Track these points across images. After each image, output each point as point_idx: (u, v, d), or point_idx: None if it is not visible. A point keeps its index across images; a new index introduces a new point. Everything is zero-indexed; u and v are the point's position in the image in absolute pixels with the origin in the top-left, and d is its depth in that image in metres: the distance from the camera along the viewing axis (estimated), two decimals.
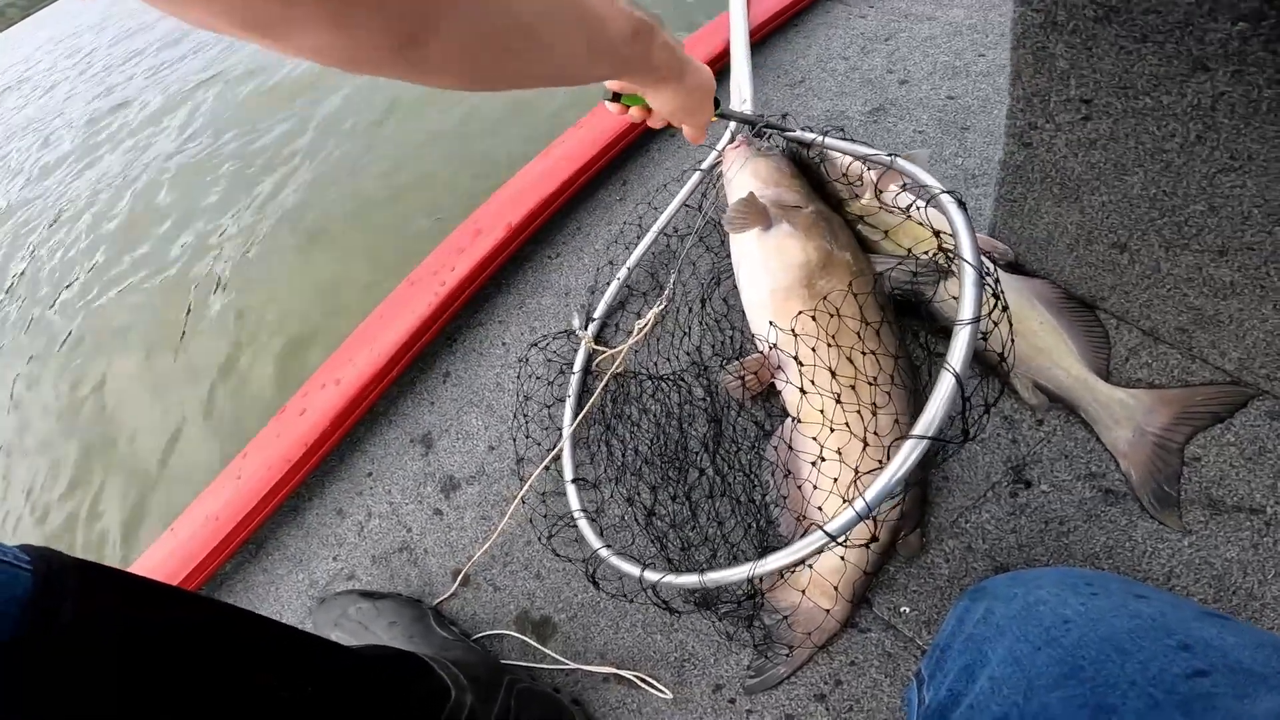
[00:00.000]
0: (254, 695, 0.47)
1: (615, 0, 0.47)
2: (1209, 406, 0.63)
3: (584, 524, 0.75)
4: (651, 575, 0.63)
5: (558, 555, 0.77)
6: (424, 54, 0.35)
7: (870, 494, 0.47)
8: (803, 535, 0.51)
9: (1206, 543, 0.59)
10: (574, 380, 0.87)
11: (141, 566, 0.90)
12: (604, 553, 0.70)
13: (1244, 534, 0.59)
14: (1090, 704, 0.32)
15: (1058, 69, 0.43)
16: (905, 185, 0.74)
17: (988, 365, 0.71)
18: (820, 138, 0.71)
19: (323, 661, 0.55)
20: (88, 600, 0.40)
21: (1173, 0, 0.36)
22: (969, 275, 0.47)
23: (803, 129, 0.75)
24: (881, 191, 0.74)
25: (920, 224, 0.70)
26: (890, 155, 0.61)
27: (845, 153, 0.69)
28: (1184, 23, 0.36)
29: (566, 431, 0.83)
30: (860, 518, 0.47)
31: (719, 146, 0.91)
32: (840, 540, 0.49)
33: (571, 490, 0.79)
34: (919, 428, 0.46)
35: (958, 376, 0.45)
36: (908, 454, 0.46)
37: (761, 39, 1.18)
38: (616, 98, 0.65)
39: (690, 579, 0.59)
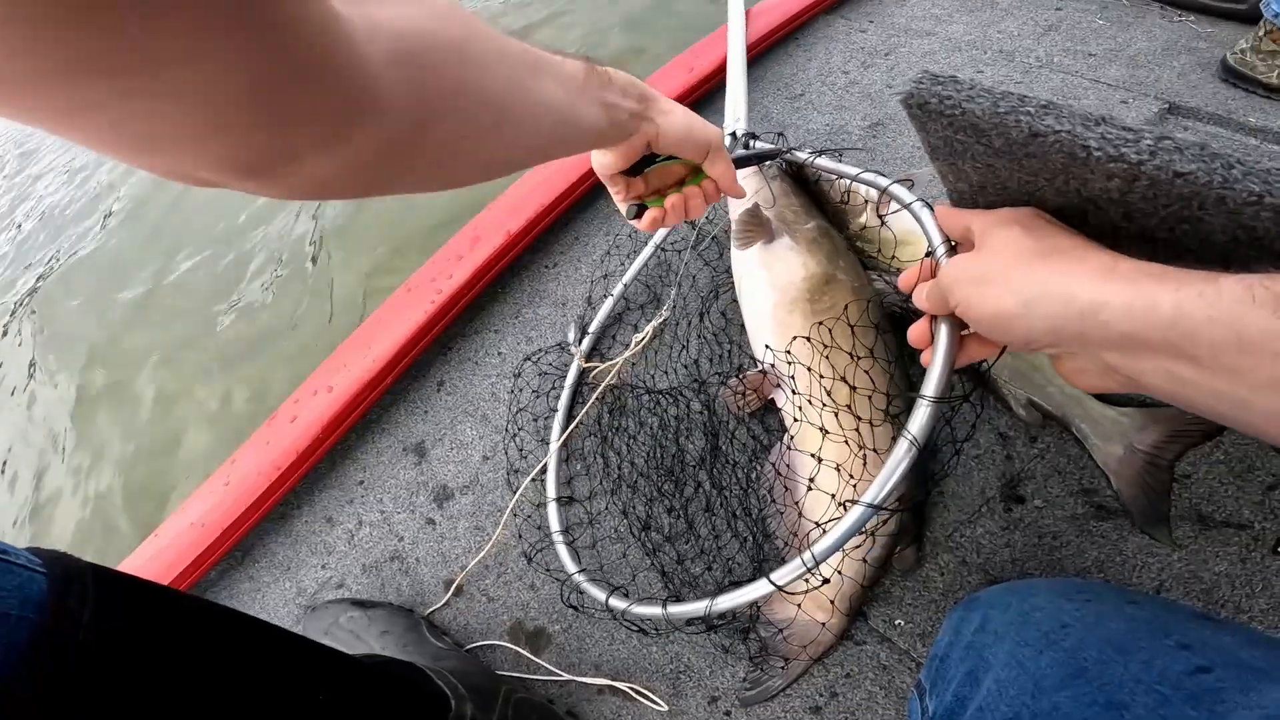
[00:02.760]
0: (263, 701, 0.47)
1: (553, 55, 0.46)
2: (1199, 425, 0.64)
3: (562, 549, 0.75)
4: (617, 602, 0.65)
5: (548, 572, 0.77)
6: (422, 148, 0.33)
7: (818, 548, 0.48)
8: (756, 575, 0.54)
9: (1195, 557, 0.60)
10: (564, 395, 0.87)
11: (124, 570, 0.88)
12: (578, 578, 0.71)
13: (1232, 549, 0.60)
14: (1100, 701, 0.32)
15: (973, 182, 0.47)
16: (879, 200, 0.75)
17: (978, 378, 0.72)
18: (815, 158, 0.71)
19: (328, 669, 0.54)
20: (104, 605, 0.39)
21: (1046, 155, 0.38)
22: (941, 345, 0.45)
23: (794, 148, 0.74)
24: (882, 212, 0.74)
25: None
26: (888, 181, 0.59)
27: (840, 175, 0.68)
28: (1063, 170, 0.39)
29: (553, 447, 0.83)
30: (808, 569, 0.49)
31: None
32: (783, 588, 0.51)
33: (552, 509, 0.79)
34: (868, 495, 0.46)
35: (916, 444, 0.45)
36: (858, 519, 0.47)
37: (762, 52, 1.19)
38: (640, 210, 0.60)
39: (654, 610, 0.61)
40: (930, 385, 0.45)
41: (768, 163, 0.80)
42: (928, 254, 0.47)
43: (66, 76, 0.19)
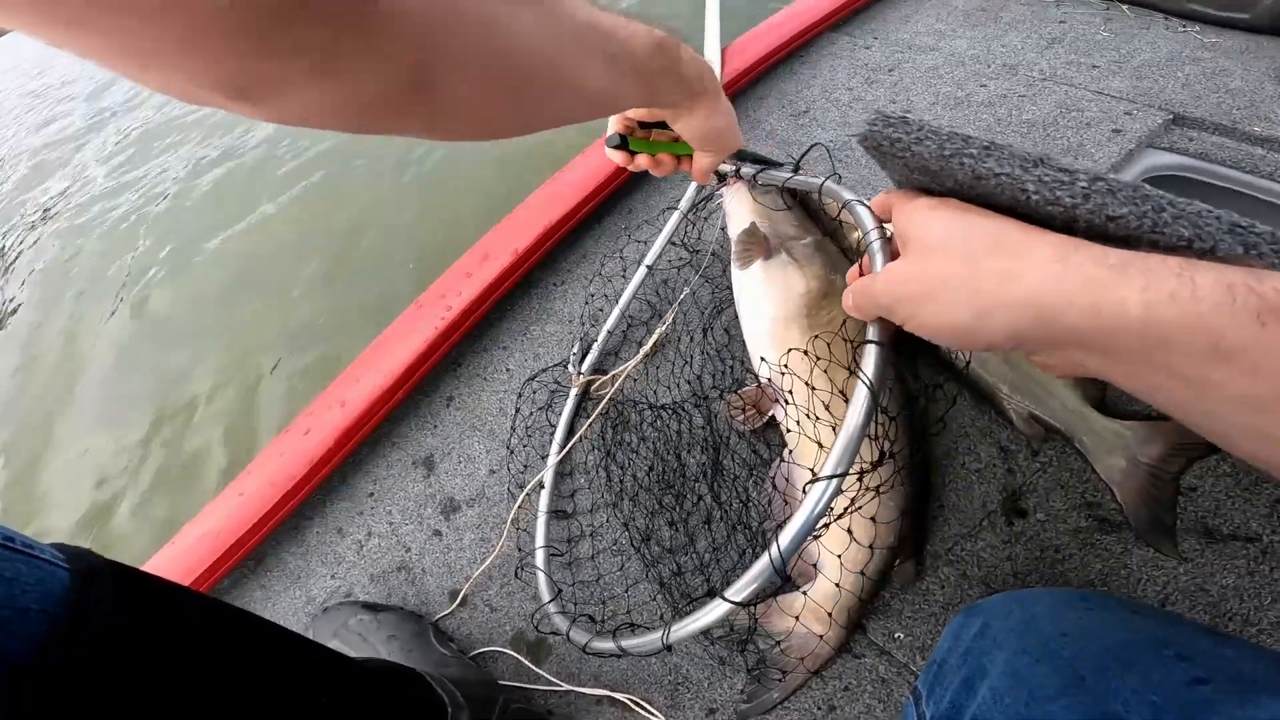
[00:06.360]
0: (269, 703, 0.49)
1: (631, 19, 0.45)
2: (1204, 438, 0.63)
3: (540, 577, 0.76)
4: (578, 635, 0.65)
5: (527, 585, 0.78)
6: (431, 98, 0.32)
7: (784, 540, 0.45)
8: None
9: (1202, 570, 0.59)
10: (565, 411, 0.88)
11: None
12: (549, 608, 0.72)
13: (1239, 561, 0.59)
14: (1093, 713, 0.31)
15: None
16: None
17: (979, 393, 0.71)
18: (791, 175, 0.71)
19: (332, 672, 0.56)
20: (121, 604, 0.40)
21: (992, 196, 0.38)
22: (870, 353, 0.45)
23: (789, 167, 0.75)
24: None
25: None
26: (821, 179, 0.59)
27: (771, 182, 0.67)
28: (1010, 210, 0.38)
29: (551, 462, 0.84)
30: (775, 569, 0.46)
31: (692, 185, 0.91)
32: (742, 604, 0.48)
33: (540, 525, 0.80)
34: (826, 468, 0.44)
35: (873, 392, 0.44)
36: (818, 497, 0.44)
37: (766, 70, 1.21)
38: (623, 143, 0.62)
39: (608, 644, 0.60)
40: (867, 367, 0.45)
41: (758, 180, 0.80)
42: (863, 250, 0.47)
43: None
